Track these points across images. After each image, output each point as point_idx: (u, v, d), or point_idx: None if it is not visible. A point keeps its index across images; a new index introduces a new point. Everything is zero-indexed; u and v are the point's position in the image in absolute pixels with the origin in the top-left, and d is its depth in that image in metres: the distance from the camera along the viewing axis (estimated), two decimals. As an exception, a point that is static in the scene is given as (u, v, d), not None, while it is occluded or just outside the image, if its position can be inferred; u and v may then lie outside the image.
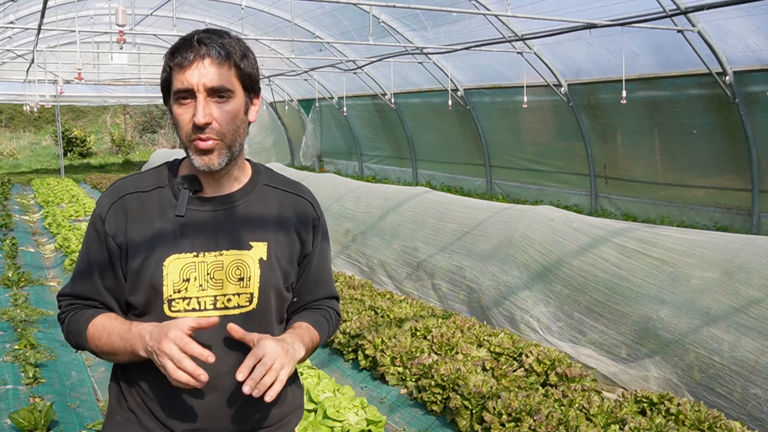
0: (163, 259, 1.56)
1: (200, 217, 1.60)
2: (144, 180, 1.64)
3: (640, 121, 10.51)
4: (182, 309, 1.56)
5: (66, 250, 8.71)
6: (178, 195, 1.60)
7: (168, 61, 1.54)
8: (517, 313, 5.12)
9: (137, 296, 1.58)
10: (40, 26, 9.38)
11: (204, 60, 1.50)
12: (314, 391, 4.00)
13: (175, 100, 1.53)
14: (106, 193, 1.65)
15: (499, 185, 13.64)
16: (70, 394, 4.35)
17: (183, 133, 1.54)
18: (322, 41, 13.17)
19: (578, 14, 8.91)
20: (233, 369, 1.50)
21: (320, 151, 20.42)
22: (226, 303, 1.59)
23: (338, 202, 8.18)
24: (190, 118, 1.51)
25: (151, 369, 1.53)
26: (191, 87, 1.49)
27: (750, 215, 9.14)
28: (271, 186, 1.70)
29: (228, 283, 1.59)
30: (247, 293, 1.60)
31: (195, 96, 1.50)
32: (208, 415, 1.58)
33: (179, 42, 1.54)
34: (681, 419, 3.45)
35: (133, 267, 1.56)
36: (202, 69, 1.49)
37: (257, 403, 1.55)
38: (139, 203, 1.60)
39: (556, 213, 5.47)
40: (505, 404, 3.52)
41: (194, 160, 1.55)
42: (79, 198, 14.42)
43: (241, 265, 1.60)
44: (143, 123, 34.12)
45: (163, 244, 1.56)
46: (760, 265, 3.87)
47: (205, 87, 1.50)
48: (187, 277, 1.56)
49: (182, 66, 1.50)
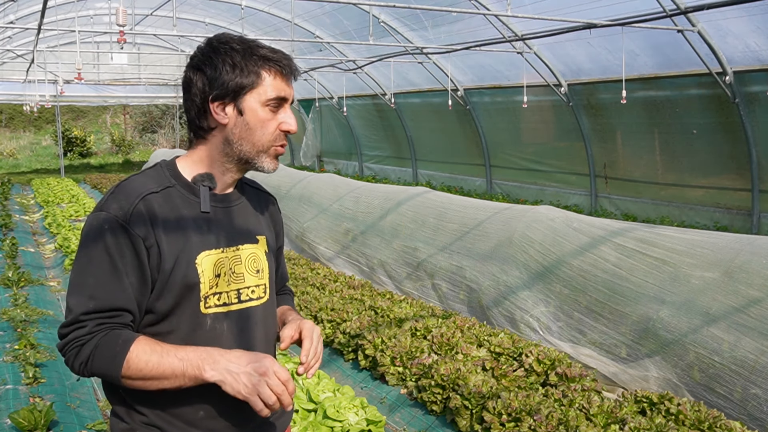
0: (195, 257, 1.55)
1: (219, 213, 1.63)
2: (148, 182, 1.59)
3: (640, 121, 10.51)
4: (213, 305, 1.58)
5: (66, 250, 8.71)
6: (197, 192, 1.60)
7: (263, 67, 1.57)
8: (517, 313, 5.12)
9: (165, 300, 1.53)
10: (40, 26, 9.38)
11: (296, 76, 1.64)
12: (314, 391, 4.00)
13: (264, 105, 1.58)
14: (117, 197, 1.53)
15: (499, 185, 13.64)
16: (70, 394, 4.35)
17: (266, 138, 1.60)
18: (322, 41, 13.17)
19: (578, 14, 8.91)
20: None
21: (320, 151, 20.42)
22: (250, 295, 1.64)
23: (338, 202, 8.18)
24: (277, 124, 1.60)
25: None
26: (288, 97, 1.61)
27: (750, 215, 9.14)
28: (248, 185, 1.78)
29: (248, 276, 1.64)
30: (262, 284, 1.68)
31: (283, 105, 1.60)
32: (246, 407, 1.55)
33: (276, 53, 1.59)
34: (681, 419, 3.45)
35: (166, 268, 1.52)
36: (293, 83, 1.63)
37: None
38: (158, 203, 1.55)
39: (556, 213, 5.47)
40: (505, 404, 3.52)
41: (267, 164, 1.62)
42: (79, 198, 14.42)
43: (256, 258, 1.67)
44: (143, 123, 34.12)
45: (193, 241, 1.56)
46: (760, 265, 3.87)
47: (292, 99, 1.64)
48: (218, 273, 1.58)
49: (287, 76, 1.60)
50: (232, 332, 1.59)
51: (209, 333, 1.57)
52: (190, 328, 1.56)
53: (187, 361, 1.46)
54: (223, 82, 1.55)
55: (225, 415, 1.59)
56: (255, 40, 1.61)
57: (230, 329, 1.59)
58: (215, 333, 1.57)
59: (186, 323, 1.55)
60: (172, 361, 1.46)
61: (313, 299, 5.76)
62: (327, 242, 7.96)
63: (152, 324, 1.56)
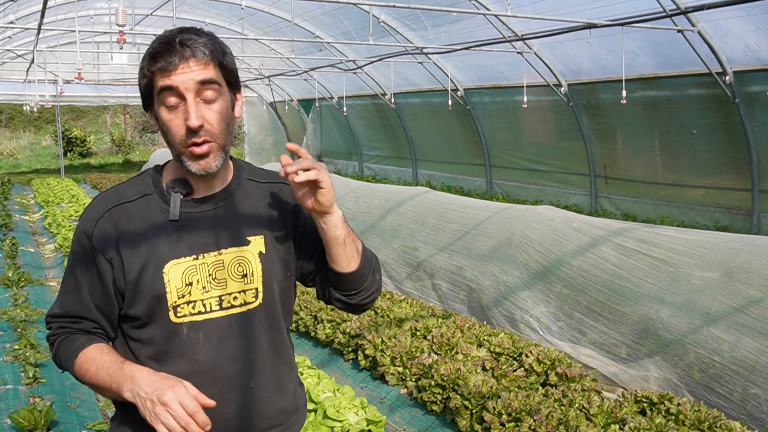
0: (162, 267, 1.53)
1: (195, 219, 1.57)
2: (127, 190, 1.59)
3: (640, 121, 10.51)
4: (188, 313, 1.54)
5: (66, 251, 8.71)
6: (169, 199, 1.57)
7: (148, 66, 1.48)
8: (517, 313, 5.12)
9: (138, 308, 1.54)
10: (40, 26, 9.38)
11: (189, 62, 1.46)
12: (314, 391, 4.01)
13: (161, 105, 1.49)
14: (90, 208, 1.59)
15: (499, 185, 13.64)
16: (70, 394, 4.35)
17: (176, 139, 1.50)
18: (322, 41, 13.17)
19: (578, 14, 8.91)
20: (245, 368, 1.57)
21: (320, 151, 20.42)
22: (232, 301, 1.57)
23: (338, 202, 8.13)
24: (181, 122, 1.48)
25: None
26: (180, 89, 1.46)
27: (750, 215, 9.14)
28: (253, 180, 1.68)
29: (231, 281, 1.57)
30: (251, 288, 1.59)
31: (183, 100, 1.47)
32: (225, 416, 1.56)
33: (158, 45, 1.47)
34: (681, 419, 3.45)
35: (131, 279, 1.52)
36: (188, 71, 1.46)
37: (269, 399, 1.60)
38: (126, 214, 1.55)
39: (556, 213, 5.47)
40: (505, 404, 3.52)
41: (190, 166, 1.51)
42: (79, 198, 14.42)
43: (242, 261, 1.59)
44: (143, 123, 34.09)
45: (160, 251, 1.53)
46: (760, 265, 3.87)
47: (194, 88, 1.47)
48: (189, 281, 1.54)
49: (167, 70, 1.46)
50: (211, 341, 1.55)
51: (184, 341, 1.54)
52: (165, 337, 1.55)
53: (113, 378, 1.48)
54: (140, 90, 1.54)
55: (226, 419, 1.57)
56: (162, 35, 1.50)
57: (208, 338, 1.54)
58: (190, 342, 1.54)
59: (161, 332, 1.55)
60: (103, 376, 1.50)
61: (313, 299, 5.76)
62: (327, 242, 7.94)
63: (134, 328, 1.58)
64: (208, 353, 1.55)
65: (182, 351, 1.54)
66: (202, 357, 1.54)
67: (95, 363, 1.51)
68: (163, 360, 1.55)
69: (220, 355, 1.56)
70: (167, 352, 1.54)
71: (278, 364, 1.65)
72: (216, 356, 1.55)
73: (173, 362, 1.54)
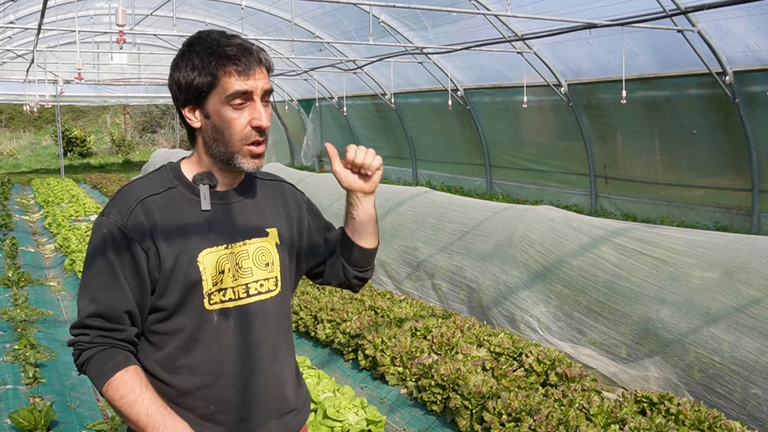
0: (196, 255, 1.58)
1: (222, 210, 1.64)
2: (150, 184, 1.63)
3: (640, 121, 10.51)
4: (218, 301, 1.60)
5: (66, 250, 8.70)
6: (198, 192, 1.62)
7: (217, 65, 1.54)
8: (517, 313, 5.12)
9: (169, 298, 1.58)
10: (40, 26, 9.38)
11: (263, 69, 1.59)
12: (314, 391, 4.01)
13: (227, 105, 1.56)
14: (117, 202, 1.60)
15: (499, 185, 13.64)
16: (70, 394, 4.35)
17: (236, 137, 1.58)
18: (322, 41, 13.17)
19: (578, 14, 8.91)
20: (270, 352, 1.66)
21: (320, 151, 20.42)
22: (259, 288, 1.66)
23: (338, 202, 8.17)
24: (245, 122, 1.57)
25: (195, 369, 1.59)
26: (253, 90, 1.57)
27: (750, 215, 9.14)
28: (258, 177, 1.78)
29: (257, 270, 1.66)
30: (273, 277, 1.69)
31: (249, 101, 1.57)
32: (255, 400, 1.64)
33: (233, 49, 1.56)
34: (681, 419, 3.45)
35: (167, 268, 1.56)
36: (261, 77, 1.58)
37: (289, 384, 1.71)
38: (158, 206, 1.59)
39: (556, 213, 5.47)
40: (505, 404, 3.52)
41: (245, 164, 1.60)
42: (79, 198, 14.42)
43: (265, 251, 1.68)
44: (143, 123, 34.12)
45: (194, 240, 1.59)
46: (760, 265, 3.87)
47: (262, 92, 1.59)
48: (222, 269, 1.60)
49: (246, 73, 1.55)
50: (240, 327, 1.62)
51: (215, 328, 1.60)
52: (196, 325, 1.59)
53: (152, 419, 1.50)
54: (187, 86, 1.57)
55: (235, 410, 1.63)
56: (222, 37, 1.58)
57: (237, 324, 1.62)
58: (221, 328, 1.61)
59: (191, 320, 1.59)
60: (140, 411, 1.51)
61: (313, 299, 5.76)
62: (327, 242, 7.95)
63: (160, 321, 1.61)
64: (237, 339, 1.62)
65: (213, 338, 1.60)
66: (233, 343, 1.61)
67: (133, 393, 1.51)
68: (193, 348, 1.60)
69: (249, 341, 1.63)
70: (197, 340, 1.59)
71: (291, 350, 1.77)
72: (245, 342, 1.62)
73: (203, 349, 1.59)
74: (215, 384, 1.60)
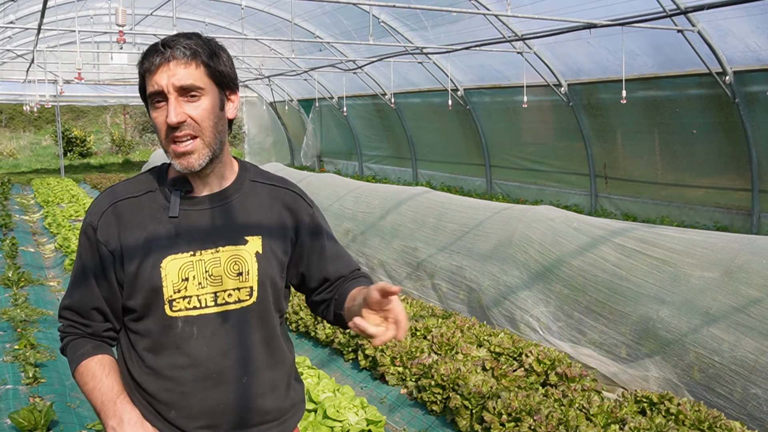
0: (160, 261, 1.58)
1: (194, 217, 1.62)
2: (135, 185, 1.66)
3: (640, 121, 10.50)
4: (183, 308, 1.59)
5: (66, 250, 8.70)
6: (170, 196, 1.62)
7: (139, 68, 1.57)
8: (517, 313, 5.12)
9: (135, 300, 1.60)
10: (40, 26, 9.38)
11: (170, 62, 1.52)
12: (314, 391, 4.00)
13: (150, 104, 1.56)
14: (97, 201, 1.66)
15: (499, 185, 13.64)
16: (70, 394, 4.35)
17: (162, 136, 1.57)
18: (322, 41, 13.17)
19: (578, 14, 8.91)
20: (237, 363, 1.61)
21: (320, 151, 20.42)
22: (227, 298, 1.61)
23: (338, 202, 8.18)
24: (164, 120, 1.54)
25: (159, 372, 1.59)
26: (161, 89, 1.52)
27: (750, 215, 9.14)
28: (258, 181, 1.73)
29: (227, 279, 1.61)
30: (246, 287, 1.63)
31: (166, 99, 1.53)
32: (216, 410, 1.61)
33: (148, 48, 1.57)
34: (681, 419, 3.45)
35: (130, 271, 1.59)
36: (169, 71, 1.52)
37: (261, 395, 1.63)
38: (130, 208, 1.62)
39: (556, 213, 5.47)
40: (505, 404, 3.52)
41: (174, 164, 1.58)
42: (79, 198, 14.42)
43: (238, 260, 1.62)
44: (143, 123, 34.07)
45: (159, 246, 1.59)
46: (760, 265, 3.87)
47: (174, 87, 1.52)
48: (185, 277, 1.59)
49: (150, 70, 1.53)
50: (204, 335, 1.60)
51: (179, 335, 1.60)
52: (160, 330, 1.60)
53: (104, 407, 1.57)
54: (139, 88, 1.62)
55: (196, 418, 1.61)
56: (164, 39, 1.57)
57: (202, 332, 1.60)
58: (185, 335, 1.60)
59: (156, 325, 1.60)
60: (96, 397, 1.58)
61: (313, 299, 5.76)
62: (327, 242, 7.94)
63: (132, 321, 1.64)
64: (201, 347, 1.60)
65: (177, 344, 1.60)
66: (196, 351, 1.59)
67: (94, 380, 1.59)
68: (159, 352, 1.60)
69: (213, 350, 1.60)
70: (162, 345, 1.60)
71: (271, 362, 1.68)
72: (209, 350, 1.60)
73: (168, 354, 1.60)
74: (176, 389, 1.59)
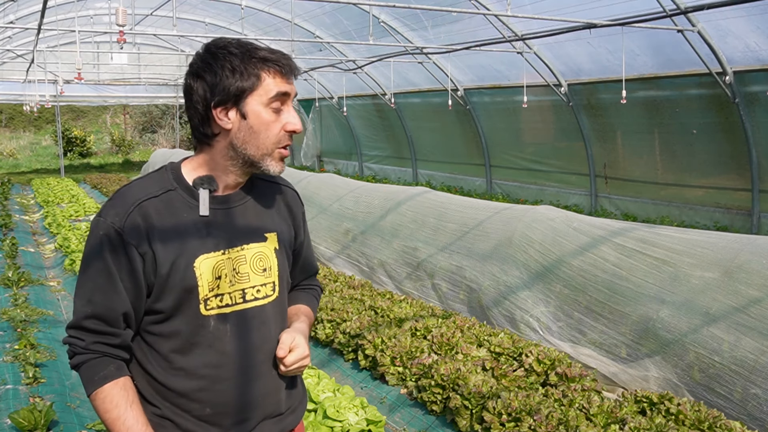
0: (192, 261, 1.57)
1: (220, 215, 1.63)
2: (151, 185, 1.61)
3: (640, 121, 10.51)
4: (215, 306, 1.60)
5: (66, 250, 8.70)
6: (197, 196, 1.61)
7: (263, 67, 1.56)
8: (517, 313, 5.12)
9: (165, 301, 1.57)
10: (40, 26, 9.38)
11: (293, 72, 1.62)
12: (314, 391, 4.00)
13: (266, 107, 1.57)
14: (115, 203, 1.58)
15: (499, 185, 13.64)
16: (70, 394, 4.35)
17: (270, 141, 1.59)
18: (322, 41, 13.17)
19: (578, 14, 8.91)
20: (267, 357, 1.66)
21: (320, 151, 20.42)
22: (256, 294, 1.66)
23: (338, 202, 8.18)
24: (281, 125, 1.59)
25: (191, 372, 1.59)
26: (290, 92, 1.60)
27: (750, 215, 9.14)
28: (261, 179, 1.76)
29: (253, 275, 1.65)
30: (270, 282, 1.69)
31: (286, 104, 1.60)
32: (252, 404, 1.65)
33: (274, 53, 1.58)
34: (681, 419, 3.45)
35: (163, 272, 1.55)
36: (291, 80, 1.62)
37: (287, 386, 1.71)
38: (155, 209, 1.57)
39: (556, 213, 5.47)
40: (505, 404, 3.52)
41: (273, 167, 1.62)
42: (79, 198, 14.42)
43: (262, 256, 1.68)
44: (143, 123, 34.12)
45: (191, 245, 1.58)
46: (760, 265, 3.87)
47: (293, 96, 1.63)
48: (218, 275, 1.60)
49: (288, 78, 1.59)
50: (236, 332, 1.62)
51: (213, 333, 1.61)
52: (193, 330, 1.59)
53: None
54: (224, 87, 1.55)
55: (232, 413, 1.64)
56: (252, 43, 1.60)
57: (233, 329, 1.62)
58: (218, 333, 1.61)
59: (188, 325, 1.59)
60: (118, 428, 1.53)
61: (313, 299, 5.76)
62: (327, 242, 7.95)
63: (156, 323, 1.60)
64: (234, 344, 1.62)
65: (210, 342, 1.60)
66: (230, 348, 1.61)
67: (117, 409, 1.54)
68: (190, 352, 1.60)
69: (246, 346, 1.63)
70: (194, 344, 1.60)
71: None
72: (242, 346, 1.63)
73: (201, 354, 1.60)
74: (212, 388, 1.60)
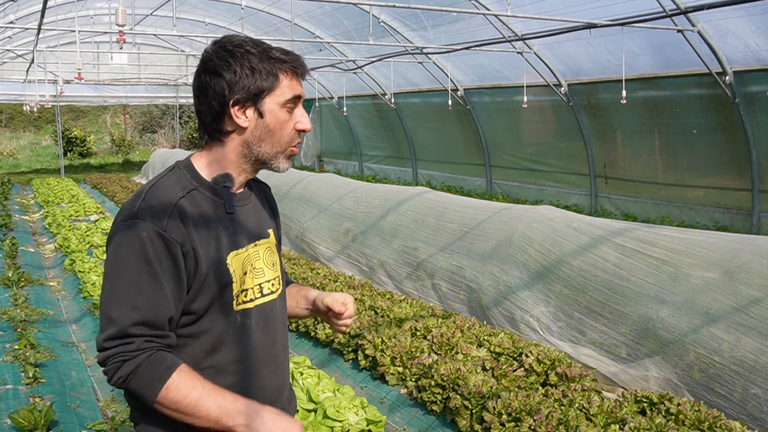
0: (225, 257, 1.60)
1: (240, 212, 1.68)
2: (173, 185, 1.59)
3: (640, 121, 10.51)
4: (242, 301, 1.63)
5: (66, 250, 8.70)
6: (219, 193, 1.63)
7: (281, 69, 1.59)
8: (517, 313, 5.12)
9: (200, 301, 1.56)
10: (40, 26, 9.38)
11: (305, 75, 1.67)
12: (314, 391, 4.00)
13: (282, 107, 1.61)
14: (150, 203, 1.53)
15: (499, 185, 13.64)
16: (70, 394, 4.35)
17: (284, 139, 1.63)
18: (322, 41, 13.17)
19: (578, 14, 8.91)
20: (282, 348, 1.74)
21: (320, 150, 20.43)
22: (270, 288, 1.71)
23: (338, 202, 8.18)
24: (293, 124, 1.63)
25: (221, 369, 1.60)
26: (302, 95, 1.64)
27: (750, 215, 9.14)
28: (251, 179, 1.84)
29: (267, 270, 1.70)
30: (277, 276, 1.75)
31: (297, 105, 1.63)
32: (275, 395, 1.70)
33: (289, 55, 1.61)
34: (681, 419, 3.45)
35: (203, 271, 1.55)
36: (301, 83, 1.66)
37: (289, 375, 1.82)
38: (189, 208, 1.56)
39: (556, 213, 5.47)
40: (505, 404, 3.52)
41: (282, 165, 1.66)
42: (79, 198, 14.42)
43: (271, 251, 1.74)
44: (143, 123, 34.11)
45: (223, 242, 1.61)
46: (760, 265, 3.87)
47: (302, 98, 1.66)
48: (245, 270, 1.64)
49: (302, 77, 1.64)
50: (259, 326, 1.66)
51: (239, 329, 1.62)
52: (223, 328, 1.60)
53: (224, 410, 1.49)
54: (244, 86, 1.56)
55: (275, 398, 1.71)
56: (263, 41, 1.63)
57: (257, 323, 1.65)
58: (244, 328, 1.63)
59: (218, 322, 1.60)
60: (209, 406, 1.48)
61: (313, 299, 5.76)
62: (327, 242, 7.95)
63: (185, 325, 1.57)
64: (258, 337, 1.66)
65: (237, 338, 1.62)
66: (255, 342, 1.65)
67: (196, 390, 1.48)
68: (218, 349, 1.60)
69: (267, 338, 1.68)
70: (223, 342, 1.60)
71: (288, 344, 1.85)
72: (264, 339, 1.68)
73: (229, 350, 1.61)
74: (241, 383, 1.62)
